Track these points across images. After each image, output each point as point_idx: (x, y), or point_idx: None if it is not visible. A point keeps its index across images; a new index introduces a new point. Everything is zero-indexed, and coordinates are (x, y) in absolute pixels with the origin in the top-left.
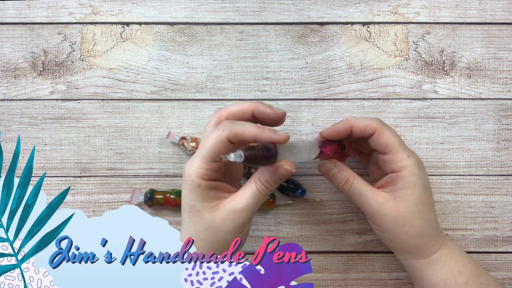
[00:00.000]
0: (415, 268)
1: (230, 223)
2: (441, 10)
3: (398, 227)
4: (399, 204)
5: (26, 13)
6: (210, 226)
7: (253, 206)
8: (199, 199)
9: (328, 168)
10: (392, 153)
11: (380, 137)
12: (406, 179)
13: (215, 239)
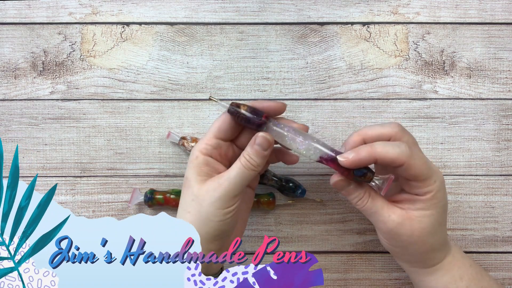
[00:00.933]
0: (416, 274)
1: (213, 193)
2: (441, 10)
3: (410, 245)
4: (415, 224)
5: (26, 13)
6: (196, 197)
7: (236, 178)
8: (193, 170)
9: (343, 185)
10: (420, 181)
11: (410, 170)
12: (428, 203)
13: (199, 210)
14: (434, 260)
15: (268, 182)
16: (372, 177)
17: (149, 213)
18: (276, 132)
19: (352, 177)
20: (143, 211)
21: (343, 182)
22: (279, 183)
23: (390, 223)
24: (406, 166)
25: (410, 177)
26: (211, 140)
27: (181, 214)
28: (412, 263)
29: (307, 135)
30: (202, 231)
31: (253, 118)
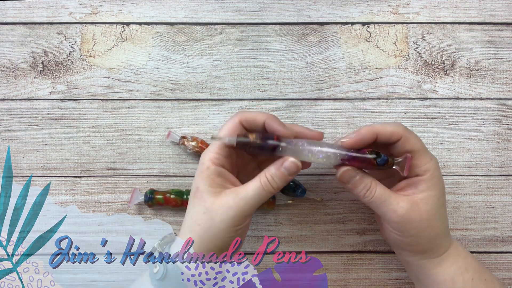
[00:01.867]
0: (423, 268)
1: (227, 210)
2: (441, 10)
3: (421, 231)
4: (422, 207)
5: (26, 13)
6: (208, 210)
7: (253, 199)
8: (205, 181)
9: (350, 176)
10: (417, 157)
11: (406, 143)
12: (430, 182)
13: (210, 225)
14: (442, 248)
15: None
16: (393, 161)
17: (149, 213)
18: (292, 150)
19: (375, 167)
20: (143, 211)
21: (350, 172)
22: None
23: (400, 210)
24: (403, 139)
25: (408, 152)
26: (222, 150)
27: (190, 226)
28: (422, 253)
29: (321, 143)
30: (210, 245)
31: (265, 144)
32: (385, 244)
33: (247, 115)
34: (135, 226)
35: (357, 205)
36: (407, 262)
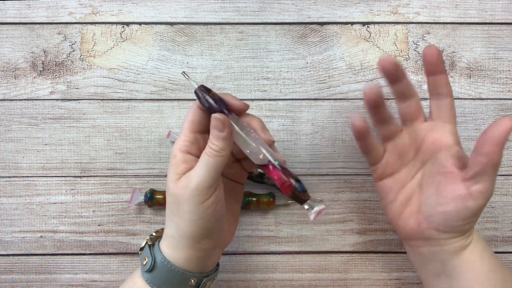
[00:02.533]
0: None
1: (186, 190)
2: (441, 10)
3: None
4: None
5: (26, 13)
6: (174, 196)
7: (204, 169)
8: (171, 170)
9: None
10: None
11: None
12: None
13: (179, 209)
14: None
15: (268, 182)
16: (308, 197)
17: (149, 213)
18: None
19: (291, 190)
20: (143, 211)
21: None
22: None
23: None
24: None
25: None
26: (187, 136)
27: (168, 217)
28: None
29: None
30: (187, 231)
31: (215, 107)
32: (385, 244)
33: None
34: (135, 226)
35: (357, 205)
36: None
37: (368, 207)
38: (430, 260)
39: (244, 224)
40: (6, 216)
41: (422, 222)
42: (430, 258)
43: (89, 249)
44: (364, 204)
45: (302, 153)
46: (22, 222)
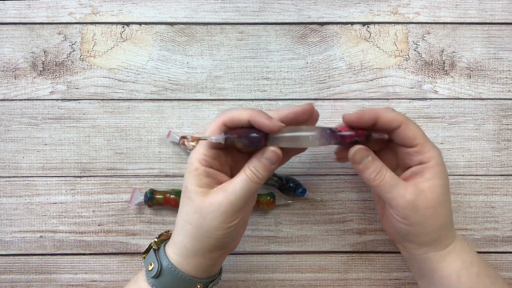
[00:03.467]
0: (430, 262)
1: (218, 207)
2: (441, 10)
3: (427, 218)
4: (429, 195)
5: (26, 13)
6: (199, 209)
7: (242, 192)
8: (193, 181)
9: (362, 156)
10: (420, 145)
11: (407, 130)
12: (435, 169)
13: (202, 223)
14: (447, 240)
15: (268, 182)
16: (372, 136)
17: (149, 213)
18: (278, 139)
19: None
20: (143, 211)
21: (363, 151)
22: (279, 183)
23: (408, 195)
24: (403, 126)
25: (409, 140)
26: (209, 151)
27: (182, 226)
28: (428, 245)
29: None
30: (204, 243)
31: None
32: (385, 244)
33: (231, 114)
34: (135, 226)
35: (357, 205)
36: (412, 256)
37: (368, 207)
38: (410, 263)
39: None
40: (6, 216)
41: (390, 228)
42: (410, 262)
43: (89, 249)
44: (364, 204)
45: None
46: (22, 222)
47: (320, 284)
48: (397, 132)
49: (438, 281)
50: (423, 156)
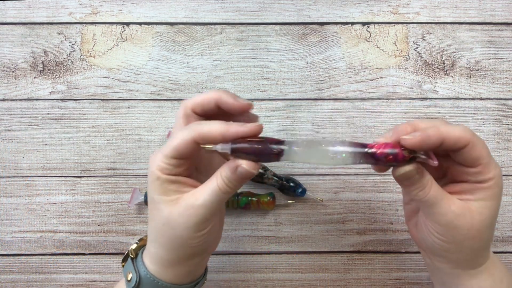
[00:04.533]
0: (456, 277)
1: (188, 218)
2: (441, 10)
3: (467, 240)
4: (476, 216)
5: (26, 13)
6: (168, 221)
7: (213, 203)
8: (158, 192)
9: (410, 174)
10: (483, 165)
11: (473, 151)
12: (491, 191)
13: (173, 234)
14: (482, 260)
15: (268, 182)
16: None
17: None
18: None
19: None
20: (143, 211)
21: (413, 171)
22: (279, 183)
23: (450, 214)
24: (470, 145)
25: (473, 159)
26: (171, 161)
27: (154, 237)
28: (459, 263)
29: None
30: (179, 253)
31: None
32: (385, 244)
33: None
34: (135, 226)
35: (357, 205)
36: (437, 268)
37: (368, 207)
38: (432, 272)
39: (244, 224)
40: (6, 216)
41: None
42: (432, 270)
43: (89, 249)
44: (364, 204)
45: None
46: (22, 222)
47: (320, 284)
48: (461, 152)
49: None
50: (483, 177)
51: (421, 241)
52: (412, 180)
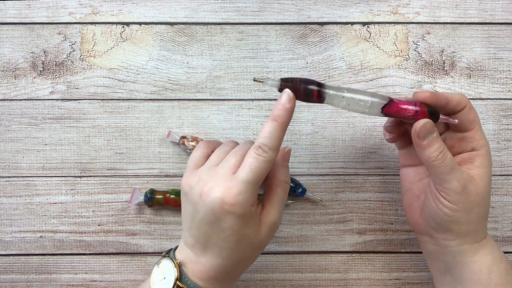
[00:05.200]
0: (462, 255)
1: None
2: (441, 10)
3: (475, 206)
4: (479, 183)
5: (26, 13)
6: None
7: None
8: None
9: (430, 131)
10: (475, 130)
11: (470, 113)
12: (485, 158)
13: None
14: (482, 233)
15: None
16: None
17: (149, 213)
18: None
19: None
20: (143, 211)
21: (431, 126)
22: None
23: (463, 180)
24: (468, 107)
25: (469, 123)
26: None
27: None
28: (467, 235)
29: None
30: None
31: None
32: (385, 244)
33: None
34: (135, 226)
35: (357, 205)
36: (441, 250)
37: (368, 207)
38: (435, 258)
39: None
40: (6, 216)
41: (424, 217)
42: (435, 256)
43: (89, 249)
44: (364, 204)
45: (302, 153)
46: (22, 222)
47: (320, 284)
48: (459, 114)
49: (467, 275)
50: (477, 142)
51: (429, 220)
52: (430, 139)
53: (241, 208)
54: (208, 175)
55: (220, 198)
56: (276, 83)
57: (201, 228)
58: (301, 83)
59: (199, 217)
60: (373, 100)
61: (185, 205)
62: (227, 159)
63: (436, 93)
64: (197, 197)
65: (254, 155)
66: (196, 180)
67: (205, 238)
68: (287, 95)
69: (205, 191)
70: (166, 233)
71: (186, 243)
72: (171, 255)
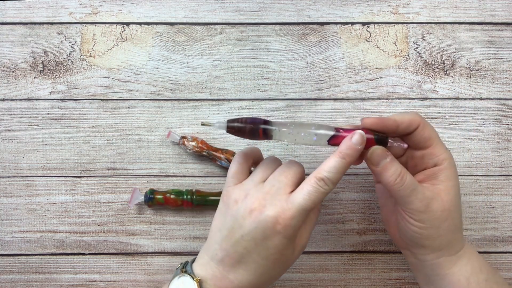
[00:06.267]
0: (440, 267)
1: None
2: (441, 10)
3: (442, 222)
4: (444, 197)
5: (26, 13)
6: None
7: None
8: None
9: (381, 157)
10: (434, 146)
11: (424, 131)
12: (448, 171)
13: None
14: (459, 244)
15: None
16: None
17: (149, 213)
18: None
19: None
20: (143, 211)
21: (381, 152)
22: None
23: (425, 200)
24: (421, 126)
25: (425, 141)
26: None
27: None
28: (442, 249)
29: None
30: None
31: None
32: (385, 244)
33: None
34: (135, 226)
35: (357, 205)
36: (421, 263)
37: (368, 207)
38: (418, 270)
39: None
40: (6, 216)
41: (399, 233)
42: (417, 268)
43: (89, 249)
44: (364, 204)
45: (302, 153)
46: (22, 222)
47: (320, 284)
48: (415, 134)
49: (447, 287)
50: (438, 157)
51: (403, 237)
52: (383, 164)
53: (292, 231)
54: (257, 191)
55: (274, 218)
56: (223, 125)
57: (240, 243)
58: (247, 123)
59: (242, 232)
60: (318, 133)
61: (223, 217)
62: (276, 179)
63: (383, 119)
64: (245, 212)
65: (315, 184)
66: (244, 195)
67: (242, 253)
68: (360, 137)
69: (257, 208)
70: (166, 233)
71: (213, 257)
72: (188, 270)
